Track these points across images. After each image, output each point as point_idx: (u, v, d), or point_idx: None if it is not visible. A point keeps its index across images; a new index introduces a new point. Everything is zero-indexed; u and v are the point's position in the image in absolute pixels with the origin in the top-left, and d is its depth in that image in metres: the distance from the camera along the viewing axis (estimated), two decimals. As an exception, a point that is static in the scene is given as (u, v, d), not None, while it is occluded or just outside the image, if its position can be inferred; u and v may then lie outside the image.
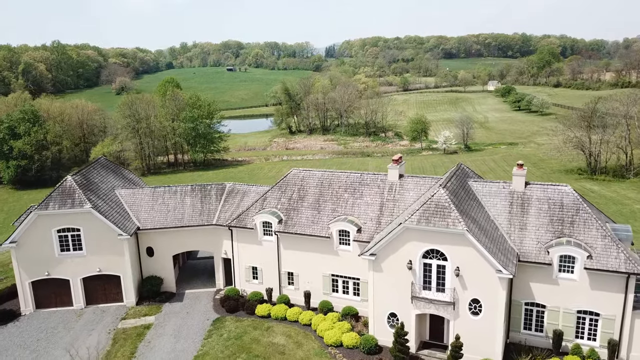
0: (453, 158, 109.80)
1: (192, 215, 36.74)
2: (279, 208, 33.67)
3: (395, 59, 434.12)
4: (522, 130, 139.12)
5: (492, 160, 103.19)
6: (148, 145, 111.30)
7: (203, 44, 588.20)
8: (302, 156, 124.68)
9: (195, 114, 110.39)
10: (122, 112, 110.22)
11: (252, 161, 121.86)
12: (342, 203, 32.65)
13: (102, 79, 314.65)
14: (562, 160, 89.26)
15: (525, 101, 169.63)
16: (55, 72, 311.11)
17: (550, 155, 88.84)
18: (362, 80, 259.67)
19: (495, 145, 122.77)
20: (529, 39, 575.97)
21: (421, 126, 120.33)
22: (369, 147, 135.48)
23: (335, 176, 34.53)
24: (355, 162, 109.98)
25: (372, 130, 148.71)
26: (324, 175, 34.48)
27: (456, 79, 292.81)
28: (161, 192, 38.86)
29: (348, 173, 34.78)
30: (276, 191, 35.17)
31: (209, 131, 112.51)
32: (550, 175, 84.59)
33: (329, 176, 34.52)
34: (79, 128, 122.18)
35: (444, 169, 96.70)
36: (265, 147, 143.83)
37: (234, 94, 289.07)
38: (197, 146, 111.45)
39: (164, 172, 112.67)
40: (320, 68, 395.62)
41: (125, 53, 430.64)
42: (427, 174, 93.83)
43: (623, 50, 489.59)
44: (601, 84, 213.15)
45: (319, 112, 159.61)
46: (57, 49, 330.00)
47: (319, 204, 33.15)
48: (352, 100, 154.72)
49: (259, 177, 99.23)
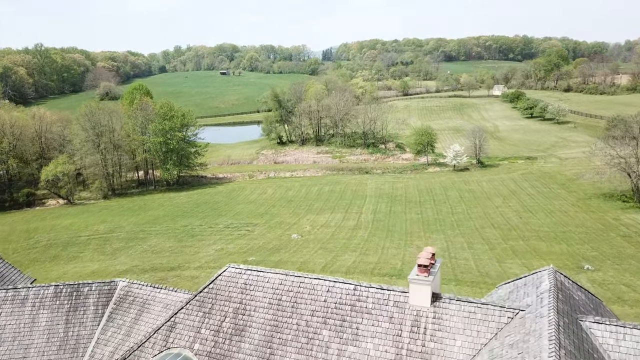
0: (465, 176, 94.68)
1: (43, 351, 18.57)
2: (196, 349, 16.35)
3: (394, 62, 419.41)
4: (538, 142, 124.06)
5: (511, 181, 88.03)
6: (112, 163, 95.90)
7: (197, 47, 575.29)
8: (292, 172, 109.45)
9: (166, 126, 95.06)
10: (81, 124, 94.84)
11: (234, 178, 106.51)
12: (317, 353, 15.13)
13: (87, 84, 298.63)
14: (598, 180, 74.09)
15: (539, 108, 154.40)
16: (38, 77, 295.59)
17: (587, 178, 73.80)
18: (360, 85, 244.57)
19: (511, 159, 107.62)
20: (530, 41, 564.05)
21: (427, 138, 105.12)
22: (367, 160, 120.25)
23: (307, 288, 16.54)
24: (352, 182, 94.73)
25: (370, 142, 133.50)
26: (285, 284, 16.80)
27: (458, 83, 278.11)
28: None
29: (331, 283, 16.38)
30: (196, 311, 17.38)
31: (183, 146, 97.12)
32: (588, 202, 69.43)
33: (294, 287, 16.67)
34: (36, 142, 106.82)
35: (457, 191, 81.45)
36: (251, 160, 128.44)
37: (225, 99, 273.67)
38: (168, 163, 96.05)
39: (130, 194, 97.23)
40: (317, 72, 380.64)
41: (115, 57, 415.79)
42: (438, 199, 76.58)
43: (626, 52, 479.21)
44: (616, 88, 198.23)
45: (312, 120, 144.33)
46: (40, 53, 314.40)
47: (271, 349, 15.62)
48: (349, 108, 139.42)
49: (237, 201, 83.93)
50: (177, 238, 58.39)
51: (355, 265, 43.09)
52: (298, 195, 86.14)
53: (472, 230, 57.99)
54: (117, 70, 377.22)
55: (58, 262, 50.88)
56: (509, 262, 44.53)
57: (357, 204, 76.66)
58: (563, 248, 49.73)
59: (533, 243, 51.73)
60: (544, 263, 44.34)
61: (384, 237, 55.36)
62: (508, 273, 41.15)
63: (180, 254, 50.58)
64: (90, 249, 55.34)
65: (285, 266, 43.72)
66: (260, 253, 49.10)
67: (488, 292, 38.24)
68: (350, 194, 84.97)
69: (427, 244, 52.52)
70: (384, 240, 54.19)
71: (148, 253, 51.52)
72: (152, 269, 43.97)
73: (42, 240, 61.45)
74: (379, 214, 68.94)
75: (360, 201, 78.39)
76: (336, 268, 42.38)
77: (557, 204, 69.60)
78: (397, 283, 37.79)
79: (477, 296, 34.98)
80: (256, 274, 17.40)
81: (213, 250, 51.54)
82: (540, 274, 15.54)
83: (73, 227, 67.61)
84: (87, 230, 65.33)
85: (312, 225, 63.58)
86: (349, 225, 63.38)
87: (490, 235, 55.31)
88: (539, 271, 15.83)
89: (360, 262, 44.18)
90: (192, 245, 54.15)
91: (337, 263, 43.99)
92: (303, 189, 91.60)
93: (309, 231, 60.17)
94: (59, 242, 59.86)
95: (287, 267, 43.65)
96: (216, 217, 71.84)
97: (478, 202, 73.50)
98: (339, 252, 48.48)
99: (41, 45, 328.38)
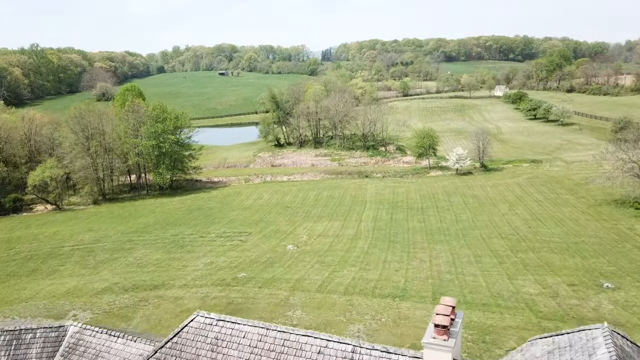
0: (468, 181, 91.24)
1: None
2: None
3: (393, 63, 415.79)
4: (543, 144, 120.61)
5: (516, 185, 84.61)
6: (102, 167, 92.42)
7: (196, 47, 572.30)
8: (289, 176, 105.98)
9: (159, 129, 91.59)
10: (71, 126, 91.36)
11: (230, 182, 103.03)
12: None
13: (83, 84, 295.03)
14: (609, 185, 70.64)
15: (543, 109, 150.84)
16: (34, 77, 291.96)
17: (597, 183, 70.23)
18: (359, 85, 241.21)
19: (515, 163, 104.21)
20: (530, 42, 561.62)
21: (429, 141, 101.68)
22: (367, 164, 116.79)
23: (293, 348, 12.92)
24: (351, 186, 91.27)
25: (370, 144, 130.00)
26: (265, 341, 13.25)
27: (459, 83, 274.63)
28: None
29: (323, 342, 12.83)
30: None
31: (176, 149, 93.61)
32: (599, 210, 66.02)
33: (277, 346, 13.12)
34: (26, 145, 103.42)
35: (461, 197, 78.02)
36: (248, 163, 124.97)
37: (222, 100, 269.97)
38: (160, 167, 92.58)
39: (121, 199, 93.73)
40: (316, 72, 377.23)
41: (112, 57, 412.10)
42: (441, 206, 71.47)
43: (626, 52, 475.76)
44: (620, 89, 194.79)
45: (311, 122, 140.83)
46: (36, 53, 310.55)
47: None
48: (348, 109, 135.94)
49: (231, 207, 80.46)
50: (165, 249, 54.94)
51: (354, 284, 39.66)
52: (295, 201, 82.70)
53: (478, 241, 54.56)
54: (114, 71, 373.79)
55: (36, 277, 47.41)
56: (520, 279, 41.11)
57: (357, 210, 73.23)
58: (577, 262, 46.31)
59: (545, 255, 48.31)
60: (559, 280, 40.96)
61: (385, 249, 51.92)
62: (521, 292, 37.74)
63: (166, 268, 47.12)
64: (72, 262, 51.86)
65: (279, 284, 40.28)
66: (252, 268, 45.66)
67: (501, 316, 34.80)
68: (349, 199, 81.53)
69: (431, 256, 49.08)
70: (385, 252, 50.76)
71: (132, 267, 48.07)
72: (133, 288, 40.49)
73: (23, 251, 58.01)
74: (379, 222, 65.51)
75: (360, 207, 74.96)
76: (334, 287, 38.92)
77: (566, 212, 66.18)
78: (400, 306, 34.34)
79: (491, 325, 31.57)
80: (230, 326, 13.96)
81: (202, 264, 48.08)
82: (590, 333, 12.09)
83: (57, 236, 64.13)
84: (71, 239, 61.87)
85: (309, 235, 60.15)
86: (348, 234, 59.94)
87: (498, 247, 51.88)
88: (588, 329, 12.39)
89: (359, 279, 40.76)
90: (181, 258, 50.70)
91: (335, 280, 40.55)
92: (300, 193, 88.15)
93: (306, 241, 56.74)
94: (40, 253, 56.41)
95: (281, 285, 40.21)
96: (208, 224, 68.42)
97: (483, 209, 70.07)
98: (337, 267, 45.05)
99: (37, 46, 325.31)
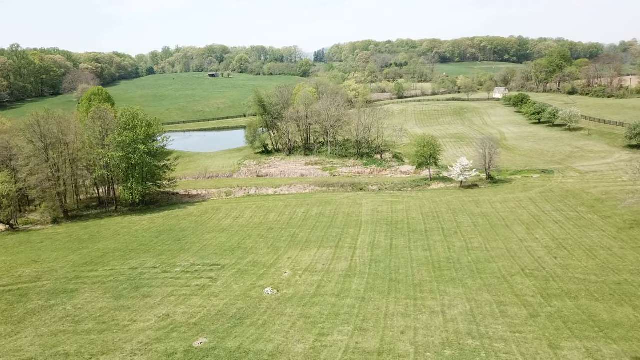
0: (475, 195, 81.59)
1: None
2: None
3: (387, 64, 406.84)
4: (552, 152, 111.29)
5: (529, 201, 75.05)
6: (64, 180, 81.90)
7: (186, 48, 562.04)
8: (276, 188, 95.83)
9: (127, 138, 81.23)
10: (27, 136, 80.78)
11: (209, 196, 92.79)
12: None
13: (65, 86, 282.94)
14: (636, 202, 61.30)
15: (548, 113, 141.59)
16: (14, 79, 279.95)
17: (629, 204, 60.80)
18: (353, 87, 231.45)
19: (524, 173, 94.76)
20: (525, 42, 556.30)
21: (430, 150, 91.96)
22: (361, 173, 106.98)
23: None
24: (344, 202, 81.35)
25: (364, 151, 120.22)
26: None
27: (455, 85, 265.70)
28: None
29: None
30: None
31: (147, 160, 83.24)
32: (631, 234, 56.50)
33: None
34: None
35: (469, 216, 68.28)
36: (231, 172, 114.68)
37: (210, 103, 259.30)
38: (130, 181, 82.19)
39: (86, 216, 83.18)
40: (308, 73, 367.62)
41: (99, 58, 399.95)
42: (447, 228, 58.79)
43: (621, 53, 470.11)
44: (625, 91, 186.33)
45: (301, 127, 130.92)
46: (17, 54, 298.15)
47: None
48: (341, 114, 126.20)
49: (207, 228, 70.17)
50: (115, 292, 44.71)
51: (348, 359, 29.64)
52: (280, 220, 72.65)
53: (498, 280, 44.80)
54: (101, 72, 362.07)
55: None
56: (566, 347, 31.35)
57: (351, 234, 63.32)
58: (629, 314, 36.69)
59: (585, 304, 38.63)
60: (617, 348, 31.18)
61: (385, 293, 42.02)
62: (573, 373, 28.01)
63: (108, 325, 36.95)
64: (-4, 311, 41.52)
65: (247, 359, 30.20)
66: (216, 326, 35.58)
67: None
68: (342, 218, 71.62)
69: (444, 305, 39.24)
70: (386, 298, 40.86)
71: (66, 323, 37.82)
72: (51, 365, 30.32)
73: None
74: (377, 250, 55.64)
75: (355, 230, 65.06)
76: (319, 366, 28.94)
77: (594, 237, 56.64)
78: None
79: None
80: None
81: (155, 318, 37.96)
82: None
83: (-7, 270, 53.68)
84: (8, 275, 51.47)
85: (293, 269, 50.15)
86: (340, 268, 50.01)
87: (525, 289, 42.13)
88: None
89: (354, 351, 30.78)
90: (131, 307, 40.51)
91: (322, 355, 30.51)
92: (287, 210, 78.14)
93: (289, 280, 46.71)
94: (-37, 296, 45.97)
95: (249, 359, 30.13)
96: (177, 252, 58.24)
97: (497, 233, 60.41)
98: (325, 326, 35.09)
99: (17, 46, 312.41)
